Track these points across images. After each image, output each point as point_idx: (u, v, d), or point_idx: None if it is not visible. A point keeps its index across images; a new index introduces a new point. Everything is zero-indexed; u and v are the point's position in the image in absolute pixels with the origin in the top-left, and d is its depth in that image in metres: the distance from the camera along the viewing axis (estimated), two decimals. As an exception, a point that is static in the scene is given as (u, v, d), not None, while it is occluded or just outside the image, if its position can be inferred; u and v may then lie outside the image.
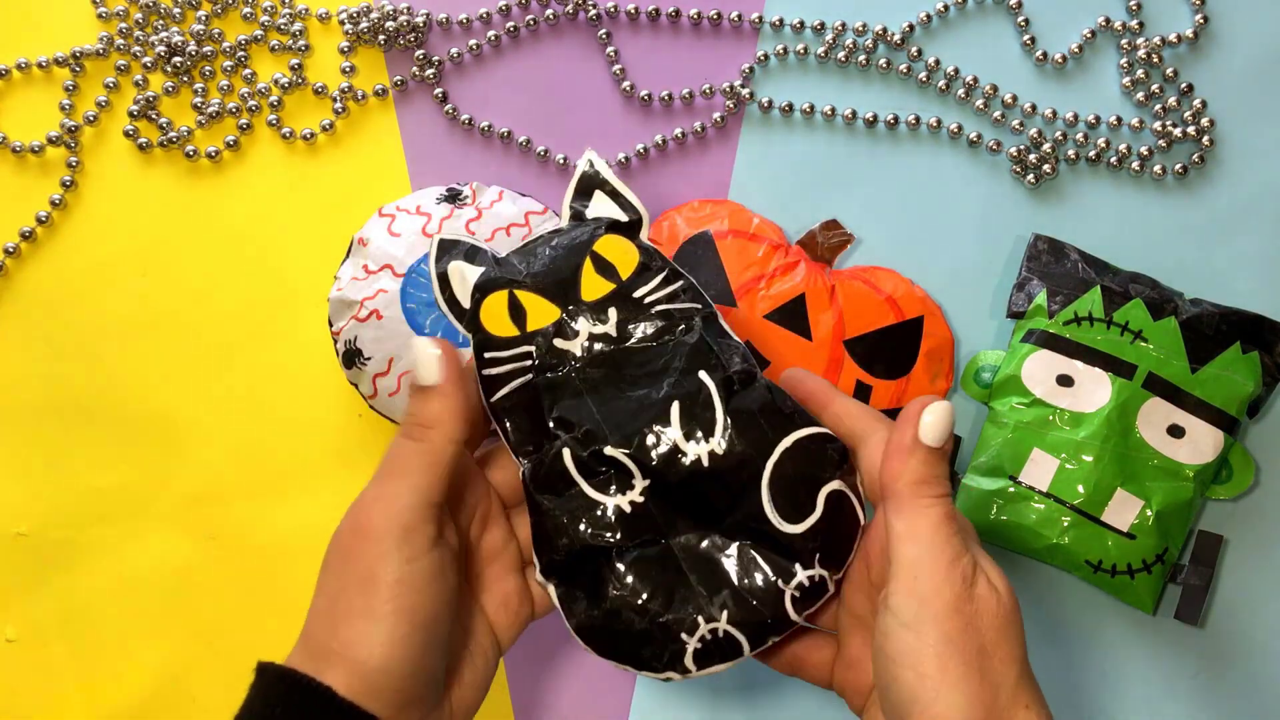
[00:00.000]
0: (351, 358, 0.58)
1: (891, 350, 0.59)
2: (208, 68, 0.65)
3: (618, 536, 0.44)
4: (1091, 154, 0.64)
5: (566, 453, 0.44)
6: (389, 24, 0.64)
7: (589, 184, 0.49)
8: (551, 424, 0.45)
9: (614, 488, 0.44)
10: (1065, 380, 0.58)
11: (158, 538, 0.62)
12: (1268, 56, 0.65)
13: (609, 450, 0.44)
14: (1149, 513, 0.57)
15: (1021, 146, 0.63)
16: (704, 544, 0.44)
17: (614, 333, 0.45)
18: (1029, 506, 0.57)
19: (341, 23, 0.65)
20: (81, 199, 0.64)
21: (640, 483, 0.44)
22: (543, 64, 0.65)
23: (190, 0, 0.65)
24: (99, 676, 0.61)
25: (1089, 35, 0.65)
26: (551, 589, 0.45)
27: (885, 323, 0.59)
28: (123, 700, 0.61)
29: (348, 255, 0.59)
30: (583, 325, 0.45)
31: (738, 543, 0.44)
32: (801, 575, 0.43)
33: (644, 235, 0.48)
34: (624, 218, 0.48)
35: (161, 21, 0.65)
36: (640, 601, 0.44)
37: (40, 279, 0.63)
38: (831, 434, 0.44)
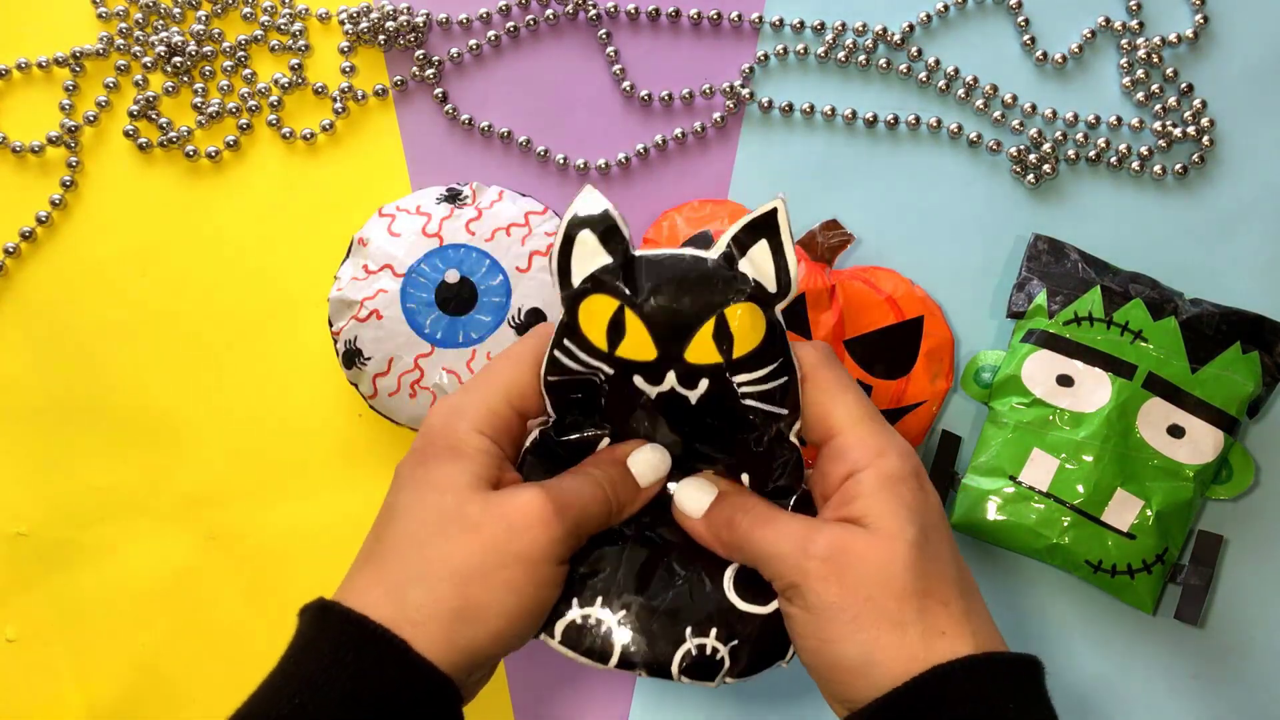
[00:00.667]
0: (351, 358, 0.58)
1: (891, 350, 0.59)
2: (208, 68, 0.65)
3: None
4: (1091, 154, 0.64)
5: (605, 443, 0.46)
6: (389, 24, 0.64)
7: (761, 227, 0.43)
8: (584, 417, 0.45)
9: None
10: (1065, 380, 0.58)
11: (158, 538, 0.62)
12: (1268, 56, 0.65)
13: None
14: (1149, 513, 0.57)
15: (1021, 146, 0.63)
16: (662, 559, 0.45)
17: (693, 401, 0.44)
18: (1029, 506, 0.57)
19: (341, 23, 0.65)
20: (81, 199, 0.64)
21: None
22: (543, 64, 0.65)
23: (190, 0, 0.65)
24: (99, 676, 0.61)
25: (1089, 35, 0.65)
26: None
27: (885, 323, 0.59)
28: (122, 700, 0.61)
29: (348, 255, 0.59)
30: (669, 379, 0.43)
31: (685, 578, 0.45)
32: (709, 641, 0.44)
33: (780, 308, 0.44)
34: (772, 286, 0.43)
35: (161, 21, 0.65)
36: (578, 564, 0.45)
37: (40, 279, 0.63)
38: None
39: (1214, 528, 0.60)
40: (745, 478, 0.45)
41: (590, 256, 0.43)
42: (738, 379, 0.43)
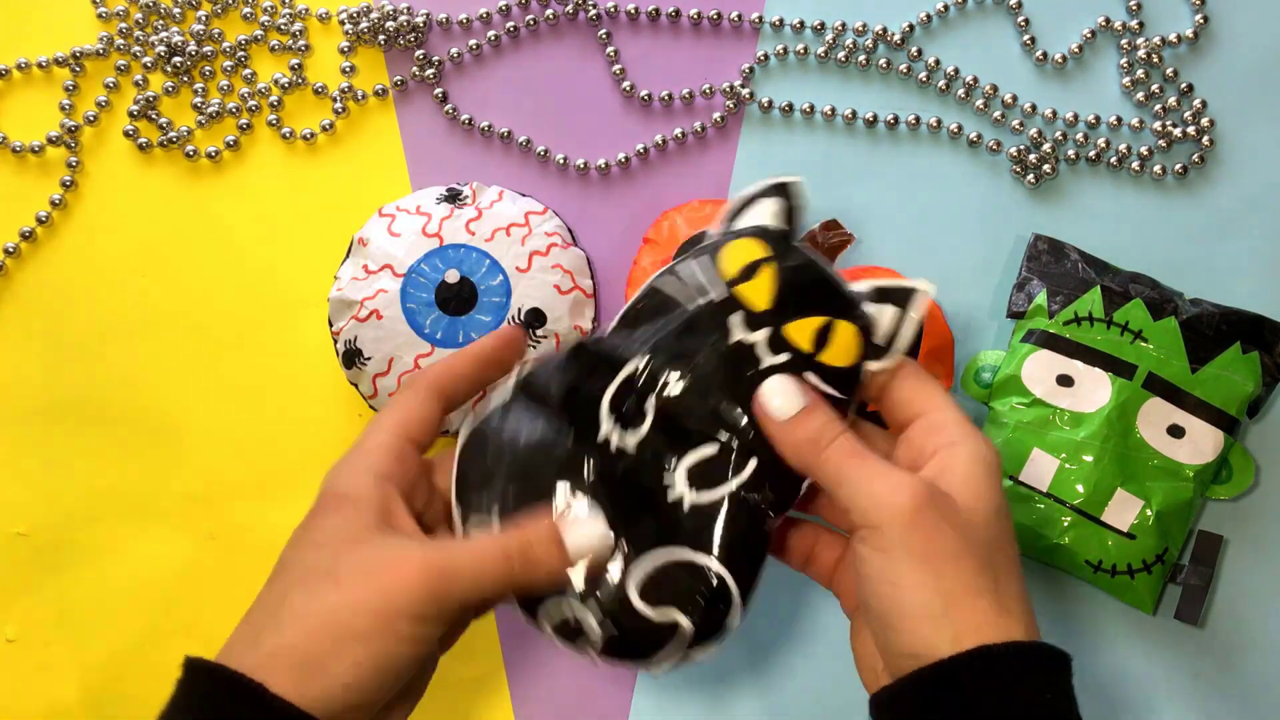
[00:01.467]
0: (351, 358, 0.58)
1: (891, 350, 0.59)
2: (208, 68, 0.65)
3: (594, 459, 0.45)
4: (1091, 154, 0.64)
5: (625, 374, 0.46)
6: (389, 24, 0.64)
7: (900, 296, 0.47)
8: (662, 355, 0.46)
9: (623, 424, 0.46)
10: (1065, 380, 0.58)
11: (158, 538, 0.62)
12: (1268, 56, 0.65)
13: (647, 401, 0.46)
14: (1149, 513, 0.57)
15: (1021, 146, 0.64)
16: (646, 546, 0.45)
17: (761, 366, 0.45)
18: (1029, 506, 0.57)
19: (341, 23, 0.65)
20: (81, 199, 0.64)
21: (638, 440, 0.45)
22: (543, 64, 0.65)
23: (190, 0, 0.65)
24: (99, 676, 0.61)
25: (1089, 35, 0.65)
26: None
27: (885, 323, 0.59)
28: (122, 700, 0.61)
29: (348, 255, 0.59)
30: (759, 335, 0.46)
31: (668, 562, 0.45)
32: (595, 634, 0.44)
33: (874, 366, 0.46)
34: (882, 341, 0.46)
35: (161, 21, 0.65)
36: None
37: (40, 279, 0.63)
38: (715, 576, 0.45)
39: (1214, 528, 0.60)
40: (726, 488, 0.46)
41: (762, 217, 0.48)
42: (809, 375, 0.45)
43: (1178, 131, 0.64)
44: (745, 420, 0.45)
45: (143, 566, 0.61)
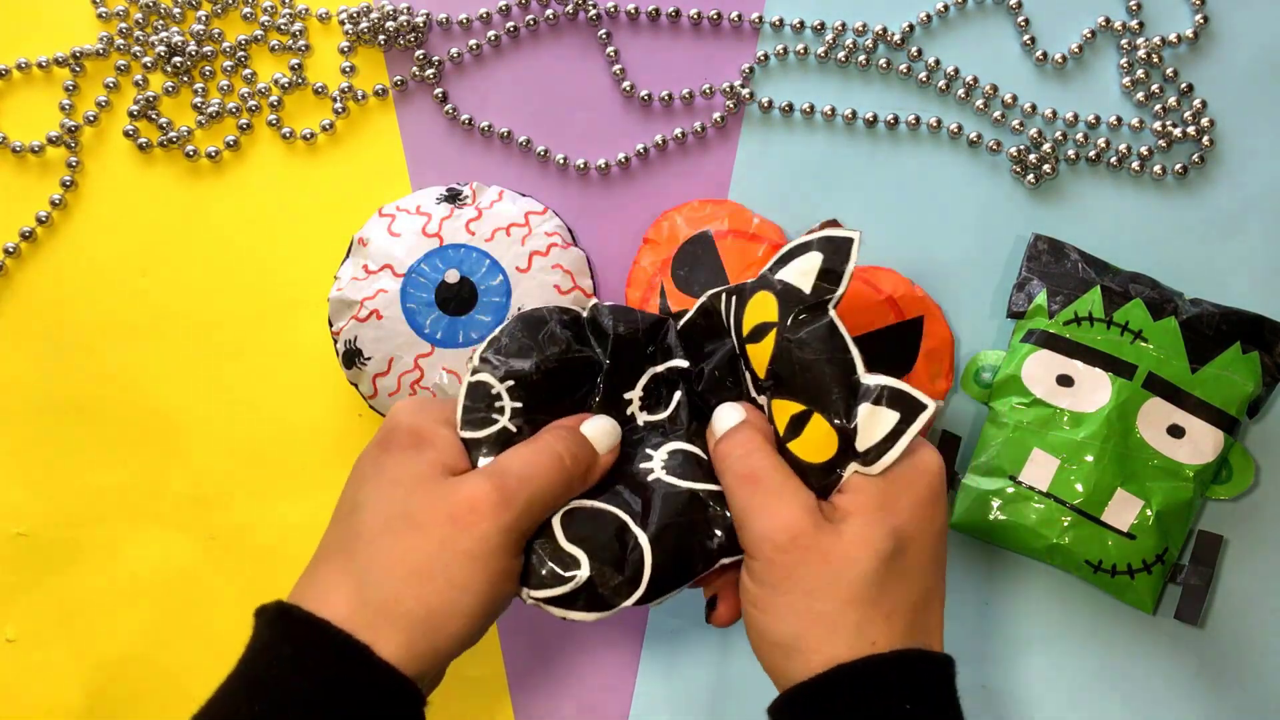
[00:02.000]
0: (351, 358, 0.58)
1: (891, 350, 0.59)
2: (208, 68, 0.65)
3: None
4: (1091, 154, 0.64)
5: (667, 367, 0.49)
6: (389, 24, 0.64)
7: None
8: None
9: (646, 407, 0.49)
10: (1065, 380, 0.58)
11: (158, 538, 0.62)
12: (1268, 56, 0.65)
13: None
14: (1149, 513, 0.57)
15: (1021, 146, 0.64)
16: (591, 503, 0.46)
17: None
18: (1029, 506, 0.57)
19: (341, 23, 0.65)
20: (81, 199, 0.64)
21: (667, 441, 0.48)
22: (543, 64, 0.65)
23: (190, 0, 0.65)
24: (99, 676, 0.61)
25: (1089, 35, 0.65)
26: None
27: (885, 323, 0.59)
28: (122, 700, 0.61)
29: (348, 255, 0.59)
30: (760, 395, 0.47)
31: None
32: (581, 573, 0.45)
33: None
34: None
35: (161, 21, 0.65)
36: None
37: (40, 279, 0.63)
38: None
39: (1214, 528, 0.60)
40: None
41: (800, 271, 0.46)
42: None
43: (1178, 131, 0.64)
44: None
45: (143, 566, 0.61)
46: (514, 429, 0.46)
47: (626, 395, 0.49)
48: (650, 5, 0.65)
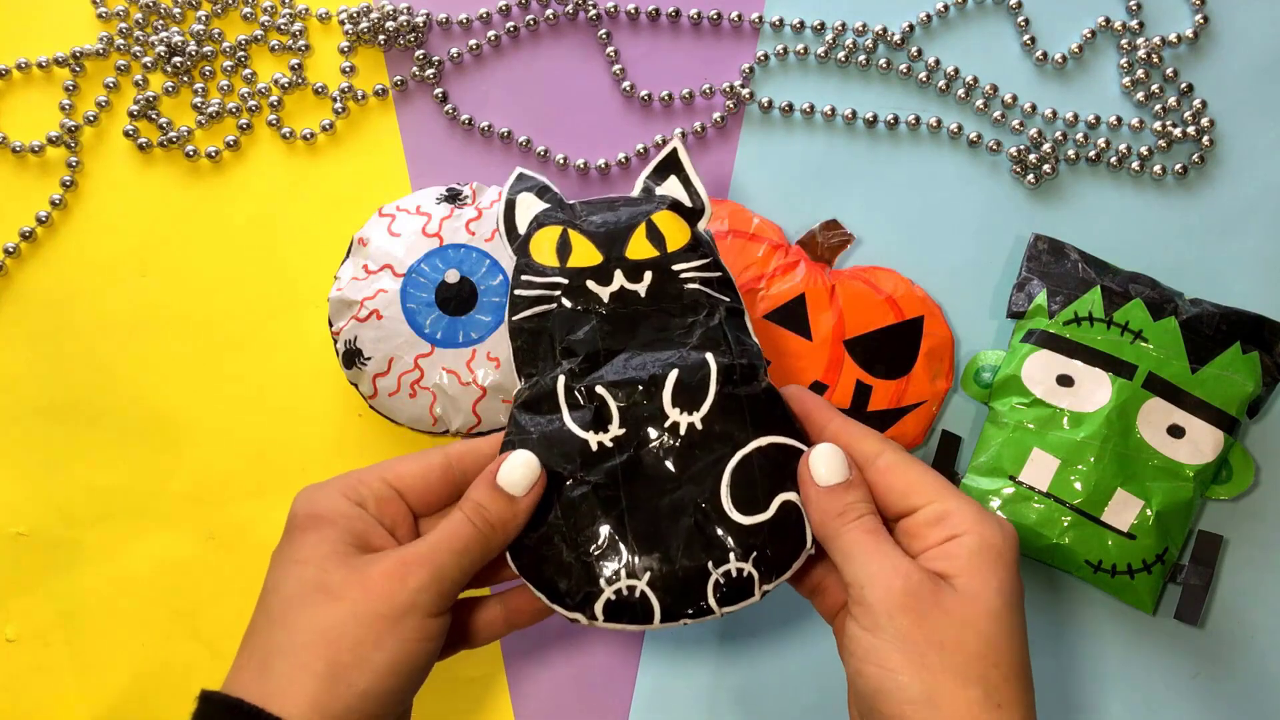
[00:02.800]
0: (351, 358, 0.58)
1: (891, 350, 0.59)
2: (208, 68, 0.65)
3: (577, 469, 0.46)
4: (1091, 154, 0.64)
5: (562, 379, 0.47)
6: (389, 24, 0.64)
7: (668, 166, 0.53)
8: (559, 350, 0.48)
9: (590, 425, 0.46)
10: (1065, 380, 0.58)
11: (158, 538, 0.62)
12: (1268, 56, 0.65)
13: (599, 389, 0.47)
14: (1149, 513, 0.57)
15: (1021, 146, 0.64)
16: (653, 504, 0.46)
17: (643, 294, 0.49)
18: (1029, 506, 0.57)
19: (341, 23, 0.65)
20: (81, 199, 0.64)
21: (615, 429, 0.46)
22: (543, 64, 0.65)
23: (190, 0, 0.65)
24: (99, 676, 0.61)
25: (1089, 35, 0.65)
26: None
27: (885, 323, 0.59)
28: (122, 700, 0.61)
29: (348, 255, 0.59)
30: (618, 278, 0.48)
31: (685, 515, 0.45)
32: (732, 565, 0.45)
33: (702, 226, 0.51)
34: (688, 203, 0.52)
35: (161, 21, 0.65)
36: (574, 535, 0.45)
37: (40, 279, 0.63)
38: (802, 449, 0.46)
39: (1214, 528, 0.60)
40: (710, 356, 0.47)
41: (531, 208, 0.52)
42: (677, 266, 0.49)
43: (1178, 131, 0.64)
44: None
45: (143, 566, 0.61)
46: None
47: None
48: (650, 5, 0.65)
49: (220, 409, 0.62)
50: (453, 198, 0.60)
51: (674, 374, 0.47)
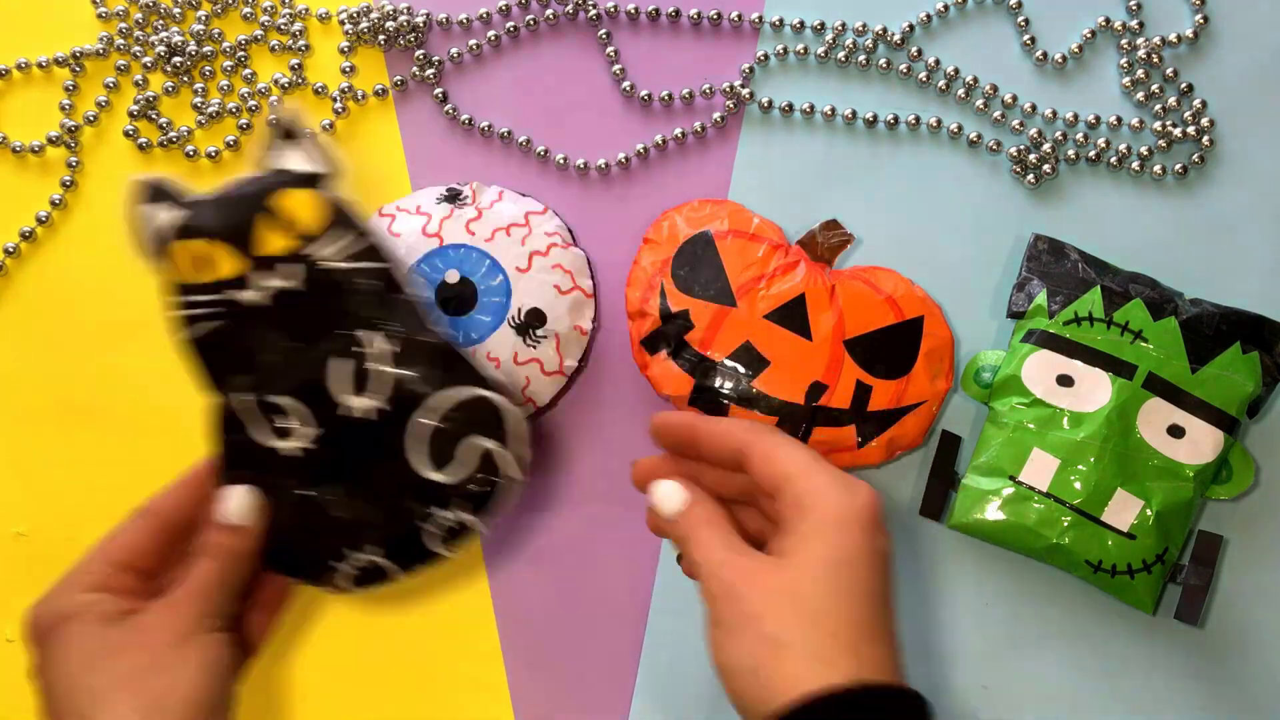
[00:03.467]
0: None
1: (891, 350, 0.59)
2: (208, 68, 0.65)
3: (286, 473, 0.48)
4: (1091, 154, 0.64)
5: (245, 395, 0.48)
6: (389, 24, 0.64)
7: (286, 137, 0.49)
8: (234, 365, 0.48)
9: (283, 431, 0.48)
10: (1065, 380, 0.58)
11: (158, 538, 0.62)
12: (1268, 56, 0.65)
13: (282, 396, 0.48)
14: (1149, 513, 0.57)
15: (1021, 146, 0.64)
16: (363, 482, 0.48)
17: (300, 287, 0.47)
18: (1029, 506, 0.57)
19: (341, 23, 0.65)
20: (81, 199, 0.64)
21: (306, 430, 0.48)
22: (543, 64, 0.65)
23: (190, 0, 0.65)
24: (99, 676, 0.61)
25: (1089, 35, 0.65)
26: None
27: (885, 323, 0.59)
28: (123, 700, 0.61)
29: None
30: (269, 280, 0.47)
31: (395, 484, 0.48)
32: (448, 514, 0.48)
33: (336, 189, 0.49)
34: (310, 169, 0.49)
35: (161, 21, 0.65)
36: (303, 529, 0.48)
37: (40, 279, 0.63)
38: (498, 399, 0.48)
39: (1214, 528, 0.60)
40: (375, 334, 0.48)
41: (159, 221, 0.48)
42: (324, 251, 0.48)
43: (1178, 131, 0.64)
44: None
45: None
46: None
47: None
48: (650, 5, 0.65)
49: (220, 409, 0.62)
50: (452, 198, 0.60)
51: (350, 362, 0.47)
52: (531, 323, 0.58)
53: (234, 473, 0.48)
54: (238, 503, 0.48)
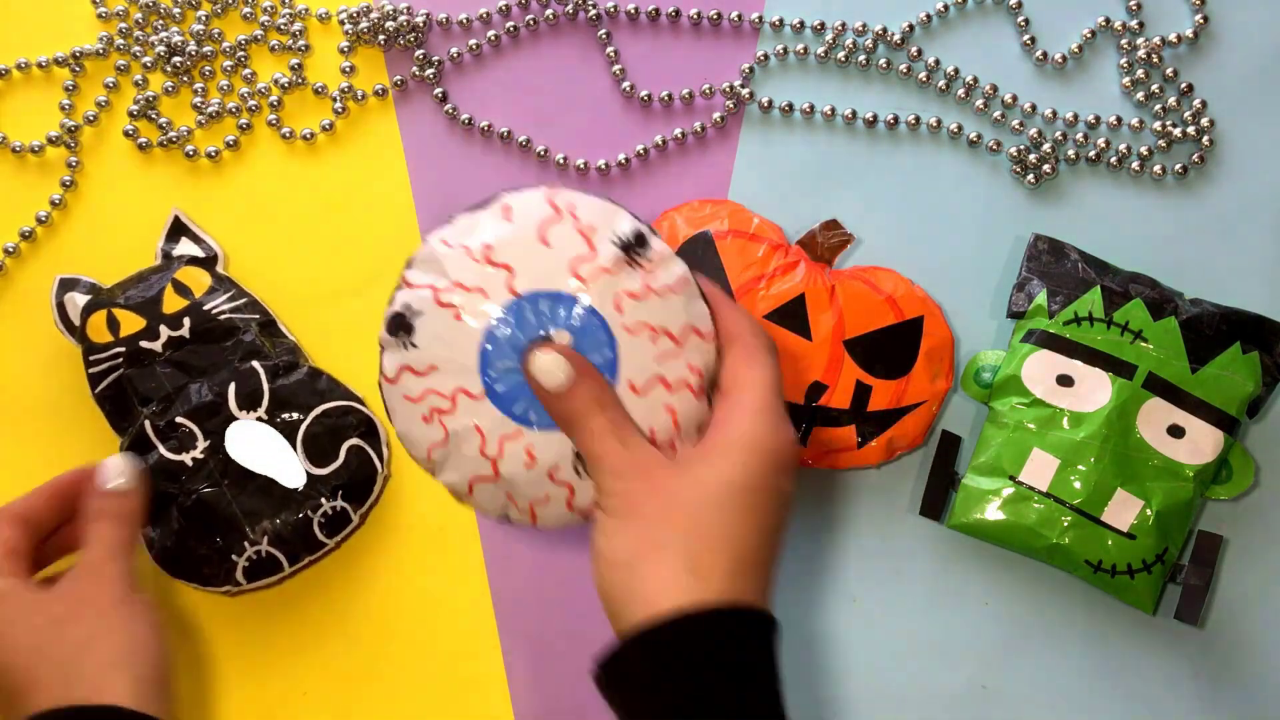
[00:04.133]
0: (398, 324, 0.46)
1: (891, 350, 0.59)
2: (208, 68, 0.65)
3: (183, 486, 0.57)
4: (1091, 154, 0.64)
5: (148, 424, 0.58)
6: (389, 24, 0.64)
7: (176, 231, 0.62)
8: (137, 401, 0.58)
9: (181, 448, 0.58)
10: (1065, 380, 0.58)
11: (158, 538, 0.62)
12: (1268, 56, 0.65)
13: (179, 419, 0.58)
14: (1149, 513, 0.57)
15: (1021, 146, 0.64)
16: (251, 486, 0.58)
17: (188, 335, 0.59)
18: (1029, 506, 0.57)
19: (341, 23, 0.65)
20: (81, 199, 0.64)
21: (202, 443, 0.58)
22: (543, 64, 0.65)
23: (190, 0, 0.65)
24: (99, 676, 0.61)
25: (1089, 35, 0.65)
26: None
27: (885, 323, 0.59)
28: (123, 700, 0.61)
29: (481, 207, 0.47)
30: (164, 331, 0.59)
31: (278, 485, 0.58)
32: (325, 505, 0.58)
33: (220, 269, 0.62)
34: (201, 254, 0.62)
35: (161, 21, 0.65)
36: (201, 533, 0.57)
37: (40, 279, 0.63)
38: (354, 405, 0.60)
39: (1214, 528, 0.60)
40: (256, 364, 0.59)
41: (79, 303, 0.60)
42: (208, 306, 0.60)
43: (1178, 131, 0.64)
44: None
45: (142, 565, 0.61)
46: None
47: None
48: (650, 5, 0.65)
49: (220, 409, 0.62)
50: (634, 245, 0.47)
51: (232, 386, 0.58)
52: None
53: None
54: (117, 467, 0.52)
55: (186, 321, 0.59)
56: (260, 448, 0.58)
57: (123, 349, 0.59)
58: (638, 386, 0.46)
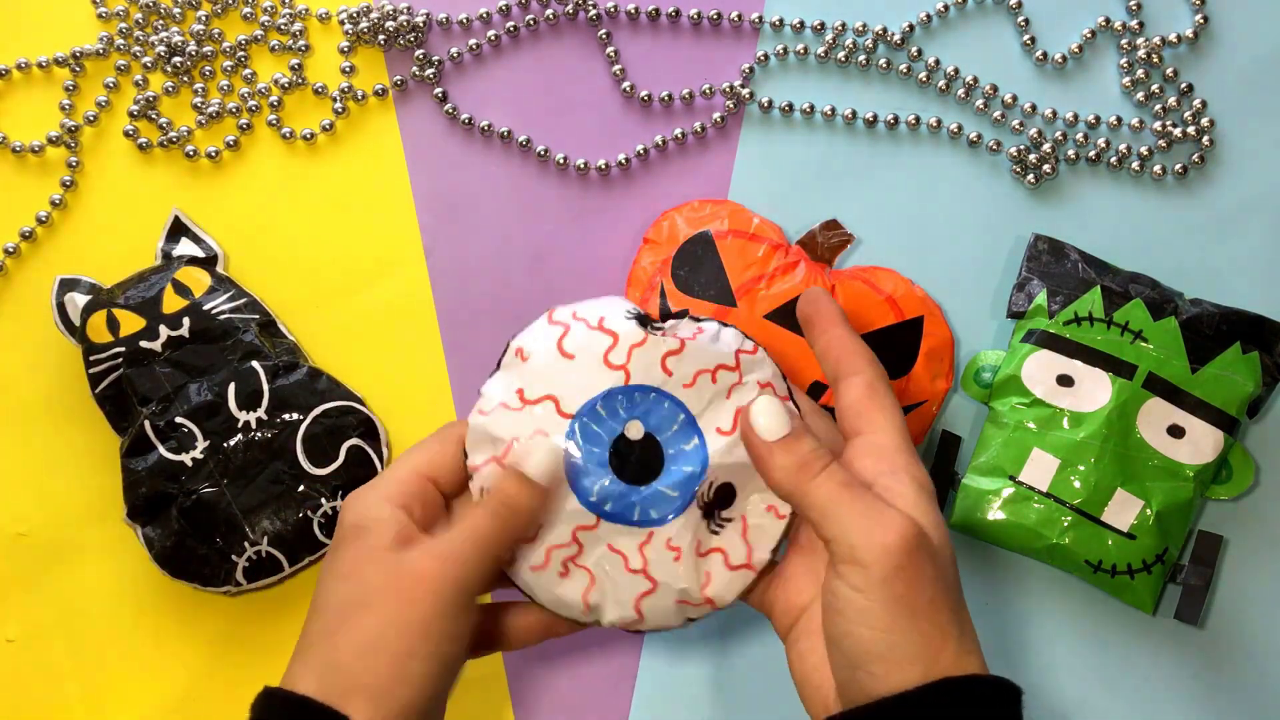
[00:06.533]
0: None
1: (891, 350, 0.59)
2: (208, 68, 0.65)
3: (183, 486, 0.58)
4: (1091, 154, 0.64)
5: (147, 424, 0.58)
6: (389, 24, 0.64)
7: (176, 231, 0.62)
8: (137, 401, 0.59)
9: (180, 448, 0.58)
10: (1065, 380, 0.58)
11: (158, 538, 0.62)
12: (1268, 56, 0.65)
13: (179, 419, 0.58)
14: (1149, 513, 0.57)
15: (1021, 146, 0.64)
16: (251, 485, 0.58)
17: (187, 335, 0.59)
18: (1029, 506, 0.57)
19: (341, 23, 0.65)
20: (81, 199, 0.64)
21: (202, 443, 0.58)
22: (543, 64, 0.65)
23: (190, 0, 0.65)
24: (99, 676, 0.61)
25: (1089, 35, 0.65)
26: (137, 529, 0.58)
27: (885, 323, 0.59)
28: (122, 700, 0.61)
29: (498, 367, 0.47)
30: (163, 331, 0.59)
31: (278, 484, 0.58)
32: (325, 505, 0.58)
33: (220, 269, 0.62)
34: (201, 254, 0.62)
35: (161, 21, 0.65)
36: (201, 532, 0.57)
37: (40, 279, 0.63)
38: (354, 406, 0.60)
39: (1214, 528, 0.60)
40: (255, 363, 0.59)
41: (79, 304, 0.60)
42: (209, 306, 0.60)
43: (1178, 131, 0.64)
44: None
45: (142, 566, 0.61)
46: None
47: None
48: (650, 5, 0.65)
49: (220, 409, 0.62)
50: (646, 321, 0.47)
51: (232, 386, 0.58)
52: (719, 502, 0.46)
53: (137, 493, 0.58)
54: (540, 457, 0.44)
55: (186, 321, 0.59)
56: (265, 449, 0.58)
57: (123, 349, 0.59)
58: (724, 429, 0.46)
